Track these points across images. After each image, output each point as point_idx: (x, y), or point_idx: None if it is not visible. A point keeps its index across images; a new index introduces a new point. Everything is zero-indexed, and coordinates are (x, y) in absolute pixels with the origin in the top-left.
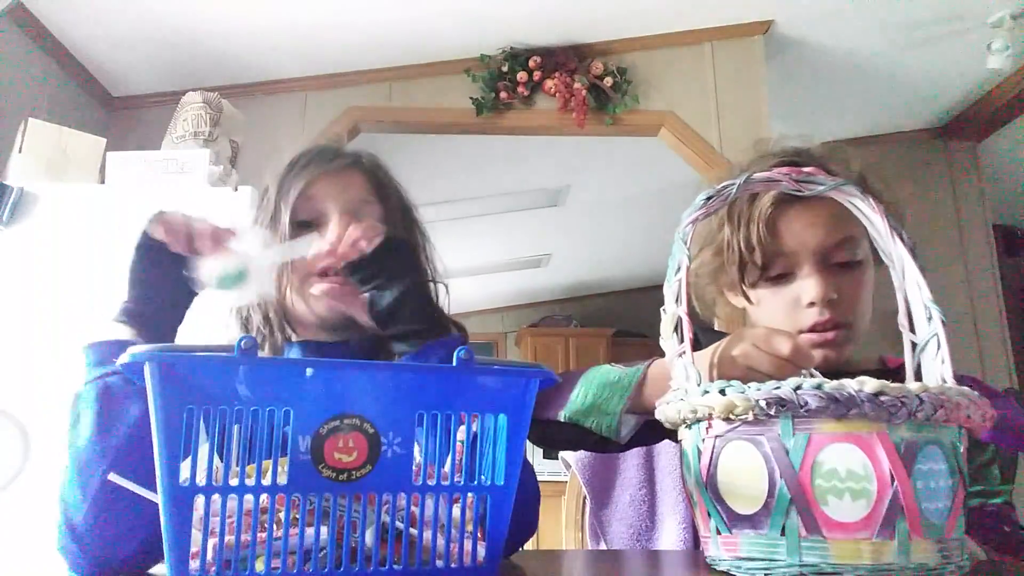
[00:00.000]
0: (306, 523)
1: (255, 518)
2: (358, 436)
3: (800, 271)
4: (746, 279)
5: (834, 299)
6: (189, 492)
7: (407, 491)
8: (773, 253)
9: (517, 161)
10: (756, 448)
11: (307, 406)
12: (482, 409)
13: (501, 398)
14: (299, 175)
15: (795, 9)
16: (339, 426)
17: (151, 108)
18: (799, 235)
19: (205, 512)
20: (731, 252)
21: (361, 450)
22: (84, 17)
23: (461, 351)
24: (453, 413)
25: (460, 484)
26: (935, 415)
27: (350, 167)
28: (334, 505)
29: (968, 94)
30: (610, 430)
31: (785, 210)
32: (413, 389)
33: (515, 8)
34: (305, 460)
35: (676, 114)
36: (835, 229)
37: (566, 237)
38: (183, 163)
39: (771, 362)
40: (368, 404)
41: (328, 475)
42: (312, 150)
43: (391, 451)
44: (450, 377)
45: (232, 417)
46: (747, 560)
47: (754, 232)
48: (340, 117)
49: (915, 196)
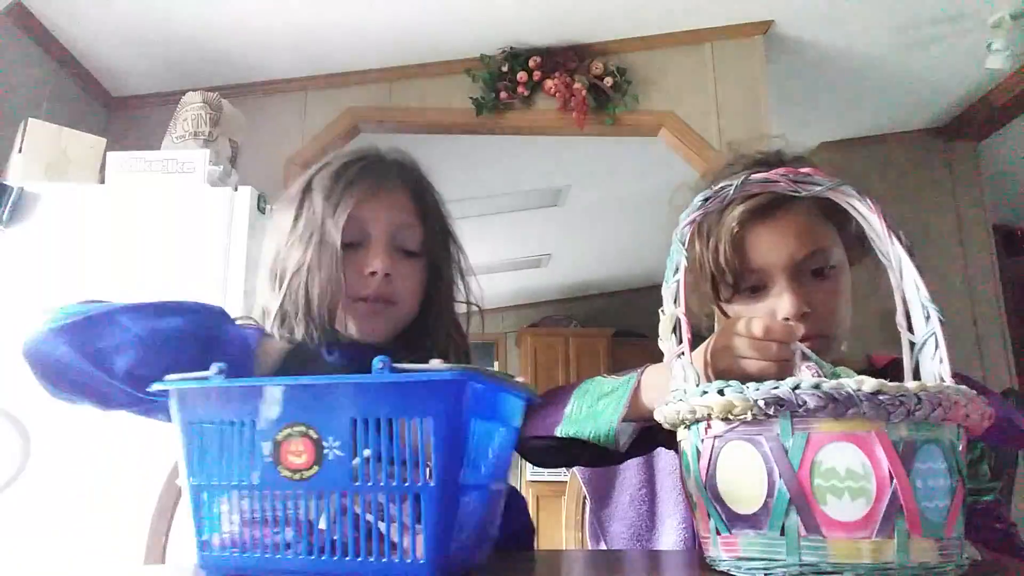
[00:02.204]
0: (274, 518)
1: (251, 512)
2: (306, 441)
3: (773, 286)
4: (720, 295)
5: (808, 312)
6: (198, 489)
7: (349, 489)
8: (743, 270)
9: (517, 161)
10: (755, 448)
11: (267, 417)
12: (408, 413)
13: (427, 402)
14: (348, 192)
15: (795, 9)
16: (291, 433)
17: (151, 108)
18: (768, 252)
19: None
20: (702, 269)
21: (309, 453)
22: (84, 17)
23: (378, 361)
24: (381, 418)
25: (395, 484)
26: (933, 414)
27: (397, 187)
28: (294, 500)
29: (968, 94)
30: (608, 440)
31: (751, 228)
32: (347, 399)
33: (515, 8)
34: (269, 462)
35: (676, 114)
36: (803, 243)
37: (566, 237)
38: (183, 163)
39: (752, 345)
40: (311, 414)
41: (286, 475)
42: (358, 159)
43: (332, 453)
44: (373, 386)
45: (209, 425)
46: (747, 560)
47: (722, 252)
48: (340, 117)
49: (915, 196)
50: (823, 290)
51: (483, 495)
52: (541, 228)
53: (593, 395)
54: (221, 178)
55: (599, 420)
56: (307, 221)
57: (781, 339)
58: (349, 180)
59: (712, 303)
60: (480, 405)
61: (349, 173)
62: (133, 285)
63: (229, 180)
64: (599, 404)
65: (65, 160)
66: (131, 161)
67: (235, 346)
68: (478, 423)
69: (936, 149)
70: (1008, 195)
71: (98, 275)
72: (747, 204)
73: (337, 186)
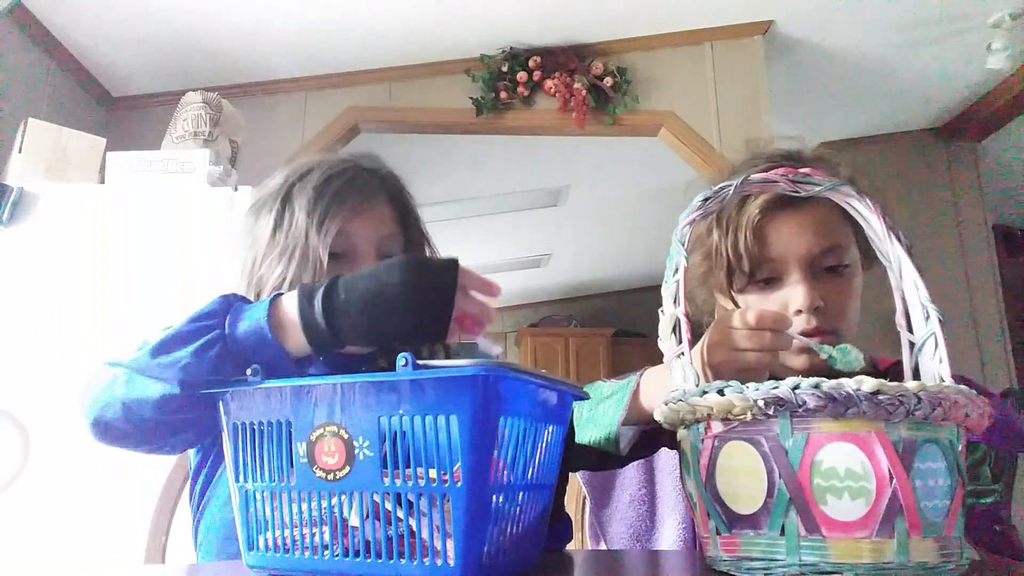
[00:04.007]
0: (314, 521)
1: (290, 513)
2: (338, 441)
3: (788, 278)
4: (734, 284)
5: (821, 306)
6: (244, 490)
7: (380, 489)
8: (760, 260)
9: (517, 161)
10: (755, 448)
11: (301, 417)
12: (434, 411)
13: (452, 400)
14: (335, 208)
15: (795, 9)
16: (323, 433)
17: (151, 108)
18: (787, 242)
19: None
20: (719, 257)
21: (340, 453)
22: (84, 17)
23: (401, 358)
24: (407, 417)
25: (423, 485)
26: (933, 414)
27: (382, 201)
28: (329, 500)
29: (968, 94)
30: (609, 443)
31: (773, 217)
32: (372, 397)
33: (515, 8)
34: (304, 463)
35: (676, 114)
36: (823, 236)
37: (566, 237)
38: (183, 163)
39: (747, 336)
40: (342, 413)
41: (320, 475)
42: (339, 173)
43: (362, 453)
44: (396, 384)
45: (251, 428)
46: (747, 560)
47: (741, 239)
48: (340, 117)
49: (915, 196)
50: (836, 287)
51: (526, 496)
52: (541, 228)
53: (593, 400)
54: (221, 178)
55: (600, 424)
56: (289, 235)
57: (774, 327)
58: (335, 194)
59: (725, 294)
60: (514, 402)
61: (334, 186)
62: (133, 285)
63: (229, 180)
64: (599, 408)
65: (65, 160)
66: (131, 161)
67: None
68: (513, 421)
69: (936, 149)
70: (1008, 195)
71: (98, 275)
72: (770, 194)
73: (321, 200)
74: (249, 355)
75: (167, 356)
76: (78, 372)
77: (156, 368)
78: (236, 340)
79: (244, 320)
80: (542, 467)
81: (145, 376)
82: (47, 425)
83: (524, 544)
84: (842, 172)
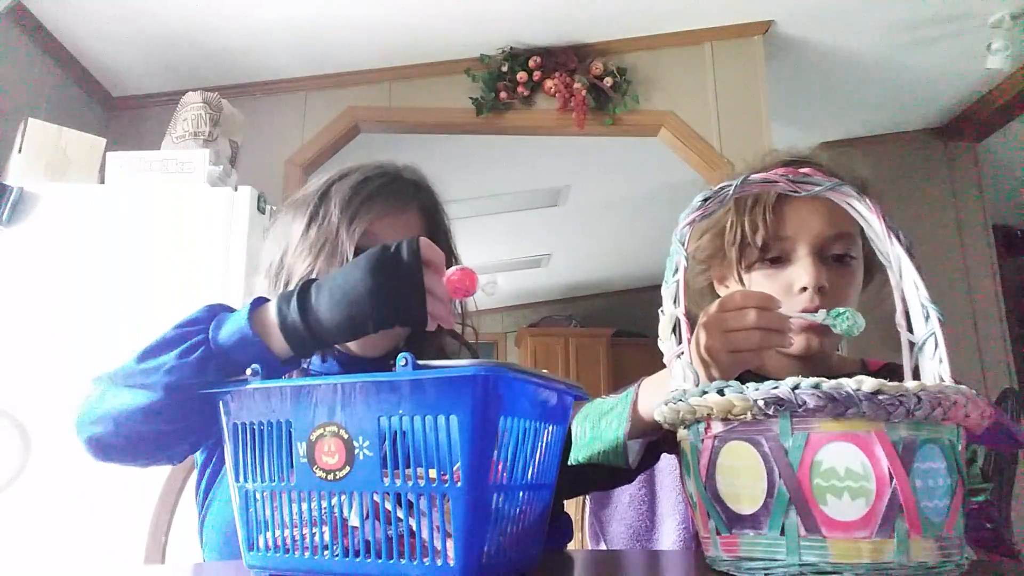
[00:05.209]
0: (313, 521)
1: (291, 513)
2: (338, 441)
3: (796, 258)
4: (743, 260)
5: (825, 288)
6: (244, 491)
7: (379, 489)
8: (774, 235)
9: (517, 161)
10: (755, 448)
11: (301, 417)
12: (433, 411)
13: (451, 399)
14: (366, 208)
15: (795, 9)
16: (323, 433)
17: (151, 108)
18: (803, 221)
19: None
20: (733, 233)
21: (340, 453)
22: (84, 17)
23: (401, 358)
24: (407, 417)
25: (423, 485)
26: (933, 413)
27: (414, 208)
28: (329, 500)
29: (968, 94)
30: (617, 456)
31: (790, 199)
32: (372, 397)
33: (515, 8)
34: (304, 463)
35: (676, 114)
36: (833, 223)
37: (566, 237)
38: (183, 163)
39: (734, 316)
40: (342, 413)
41: (320, 475)
42: (377, 175)
43: (362, 453)
44: (397, 384)
45: (251, 428)
46: (747, 560)
47: (759, 213)
48: (340, 117)
49: (915, 196)
50: (841, 276)
51: (526, 496)
52: (541, 228)
53: (594, 417)
54: (221, 178)
55: (605, 439)
56: (321, 229)
57: (760, 305)
58: (369, 195)
59: (731, 272)
60: (514, 402)
61: (369, 187)
62: (133, 285)
63: (229, 180)
64: (602, 423)
65: (65, 160)
66: (131, 161)
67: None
68: (513, 421)
69: (936, 149)
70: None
71: (98, 275)
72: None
73: (356, 198)
74: (232, 357)
75: (152, 361)
76: (78, 372)
77: (141, 375)
78: (219, 342)
79: (227, 324)
80: (542, 467)
81: (130, 386)
82: (47, 425)
83: (524, 544)
84: (857, 174)
